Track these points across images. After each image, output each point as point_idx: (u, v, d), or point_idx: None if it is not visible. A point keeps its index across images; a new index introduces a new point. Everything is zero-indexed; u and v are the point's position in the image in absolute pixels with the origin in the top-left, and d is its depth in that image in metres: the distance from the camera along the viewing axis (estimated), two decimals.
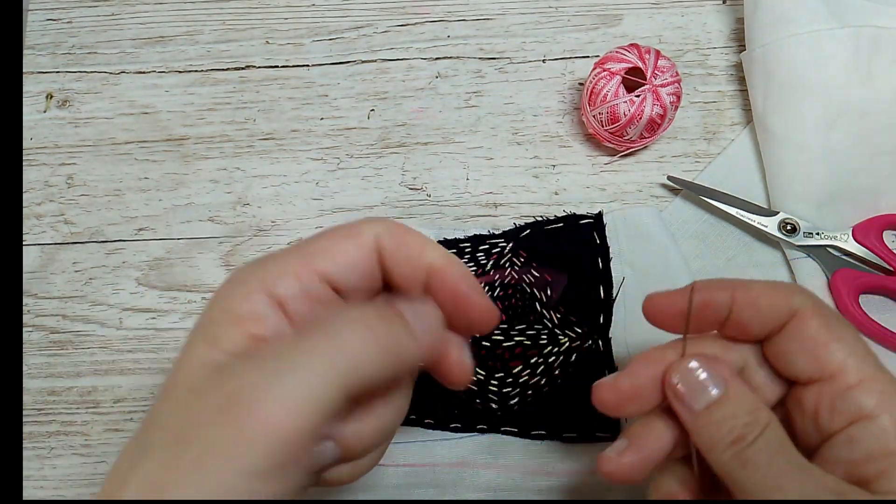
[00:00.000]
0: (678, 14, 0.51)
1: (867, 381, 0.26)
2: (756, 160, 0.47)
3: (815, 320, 0.27)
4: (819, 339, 0.27)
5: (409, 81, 0.50)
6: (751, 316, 0.28)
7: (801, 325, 0.27)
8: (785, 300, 0.28)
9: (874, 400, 0.26)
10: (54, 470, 0.43)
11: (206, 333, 0.25)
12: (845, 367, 0.26)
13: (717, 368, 0.27)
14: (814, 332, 0.27)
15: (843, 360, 0.26)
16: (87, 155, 0.49)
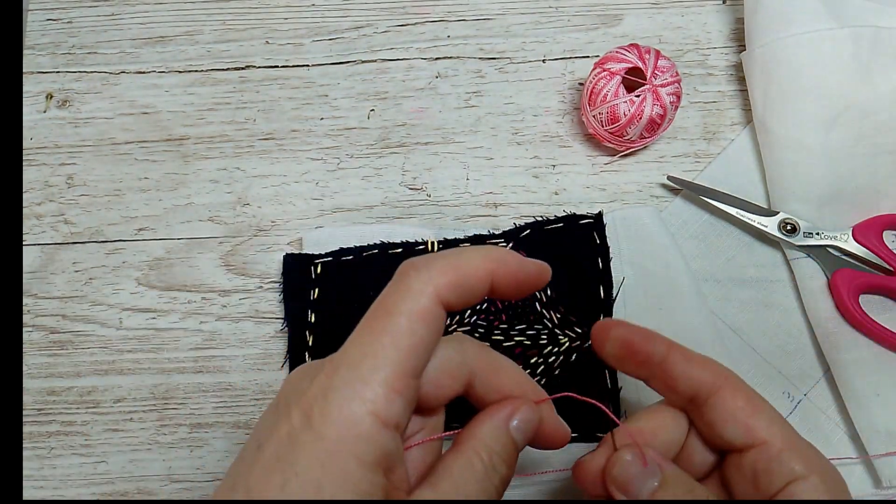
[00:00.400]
0: (678, 14, 0.51)
1: (790, 446, 0.29)
2: (756, 160, 0.47)
3: (740, 393, 0.30)
4: (747, 410, 0.29)
5: (409, 81, 0.50)
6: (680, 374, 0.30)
7: (731, 396, 0.30)
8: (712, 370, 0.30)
9: (801, 462, 0.29)
10: (54, 470, 0.43)
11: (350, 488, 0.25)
12: (772, 435, 0.29)
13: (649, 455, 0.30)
14: (742, 403, 0.30)
15: (770, 430, 0.29)
16: (87, 155, 0.49)
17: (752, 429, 0.29)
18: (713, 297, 0.44)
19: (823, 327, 0.43)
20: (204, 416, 0.43)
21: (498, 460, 0.29)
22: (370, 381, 0.25)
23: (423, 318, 0.26)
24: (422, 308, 0.26)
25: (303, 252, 0.45)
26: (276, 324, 0.45)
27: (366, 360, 0.26)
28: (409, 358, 0.26)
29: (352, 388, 0.25)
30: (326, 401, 0.25)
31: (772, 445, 0.29)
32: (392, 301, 0.27)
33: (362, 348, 0.26)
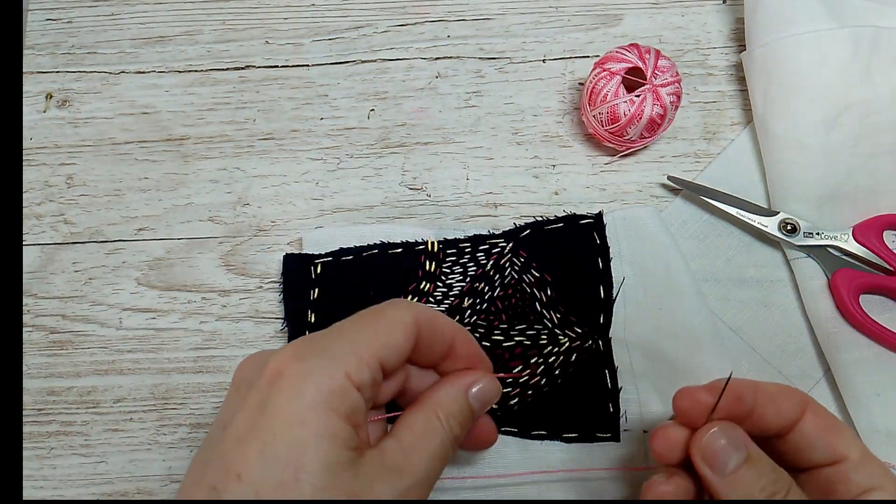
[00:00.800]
0: (678, 14, 0.51)
1: (867, 458, 0.31)
2: (756, 160, 0.47)
3: (822, 415, 0.32)
4: (831, 431, 0.31)
5: (409, 81, 0.50)
6: (772, 412, 0.32)
7: (815, 419, 0.31)
8: (796, 399, 0.32)
9: (878, 472, 0.31)
10: (54, 470, 0.43)
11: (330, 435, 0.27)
12: (851, 450, 0.31)
13: (738, 434, 0.31)
14: (825, 424, 0.31)
15: (849, 445, 0.31)
16: (86, 155, 0.49)
17: (836, 447, 0.31)
18: (713, 297, 0.44)
19: (823, 327, 0.43)
20: (204, 416, 0.43)
21: (454, 422, 0.32)
22: (347, 352, 0.29)
23: (401, 328, 0.31)
24: (404, 320, 0.31)
25: (303, 252, 0.45)
26: (276, 324, 0.45)
27: (343, 336, 0.30)
28: (382, 349, 0.30)
29: (329, 352, 0.29)
30: (303, 361, 0.28)
31: (851, 460, 0.31)
32: (381, 307, 0.32)
33: (342, 329, 0.30)
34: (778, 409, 0.31)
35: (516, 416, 0.41)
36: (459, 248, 0.44)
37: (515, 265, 0.44)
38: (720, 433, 0.30)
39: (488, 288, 0.44)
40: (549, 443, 0.41)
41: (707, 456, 0.30)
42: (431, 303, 0.44)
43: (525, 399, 0.41)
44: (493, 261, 0.44)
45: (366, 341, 0.29)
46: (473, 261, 0.44)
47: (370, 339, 0.30)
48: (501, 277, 0.44)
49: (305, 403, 0.27)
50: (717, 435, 0.30)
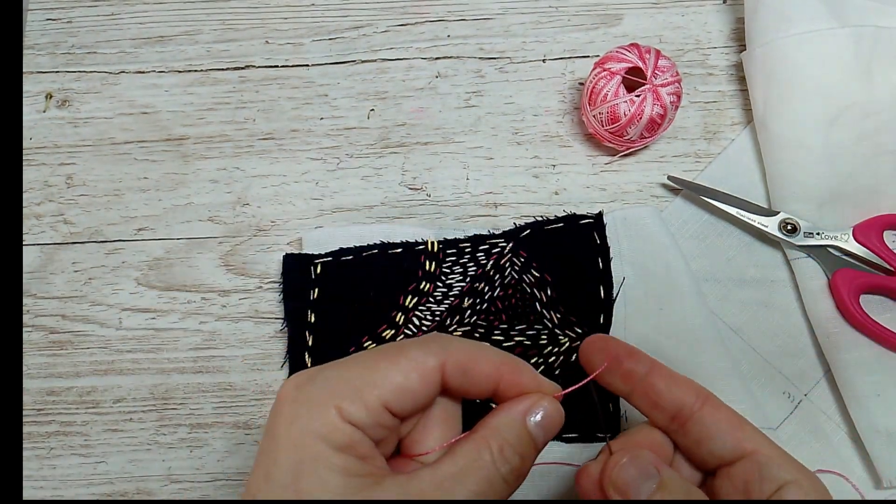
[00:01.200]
0: (678, 14, 0.51)
1: (779, 455, 0.30)
2: (756, 160, 0.47)
3: (723, 408, 0.31)
4: (732, 423, 0.30)
5: (409, 81, 0.50)
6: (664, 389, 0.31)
7: (715, 410, 0.30)
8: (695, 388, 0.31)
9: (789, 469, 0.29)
10: (54, 470, 0.43)
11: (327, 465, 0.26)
12: (759, 444, 0.30)
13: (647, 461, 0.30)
14: (726, 416, 0.30)
15: (756, 439, 0.30)
16: (86, 155, 0.49)
17: (740, 440, 0.30)
18: (713, 297, 0.44)
19: (824, 327, 0.43)
20: (204, 416, 0.43)
21: (510, 452, 0.29)
22: (347, 383, 0.27)
23: (419, 372, 0.28)
24: (426, 365, 0.28)
25: (303, 252, 0.45)
26: (275, 324, 0.45)
27: (354, 368, 0.28)
28: (389, 393, 0.28)
29: (327, 383, 0.28)
30: (300, 391, 0.28)
31: (761, 454, 0.29)
32: (408, 345, 0.29)
33: (358, 359, 0.29)
34: (673, 389, 0.31)
35: None
36: (459, 248, 0.44)
37: (515, 265, 0.44)
38: (629, 464, 0.30)
39: (488, 288, 0.44)
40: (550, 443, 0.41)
41: (619, 489, 0.30)
42: (431, 303, 0.44)
43: None
44: (493, 261, 0.44)
45: (372, 380, 0.28)
46: (473, 261, 0.44)
47: (378, 380, 0.28)
48: (501, 277, 0.44)
49: (298, 430, 0.27)
50: (627, 466, 0.30)
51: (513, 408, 0.30)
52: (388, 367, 0.28)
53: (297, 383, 0.28)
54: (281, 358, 0.44)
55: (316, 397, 0.27)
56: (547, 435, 0.30)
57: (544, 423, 0.30)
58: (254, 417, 0.43)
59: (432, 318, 0.43)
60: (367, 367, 0.28)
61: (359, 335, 0.43)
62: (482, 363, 0.29)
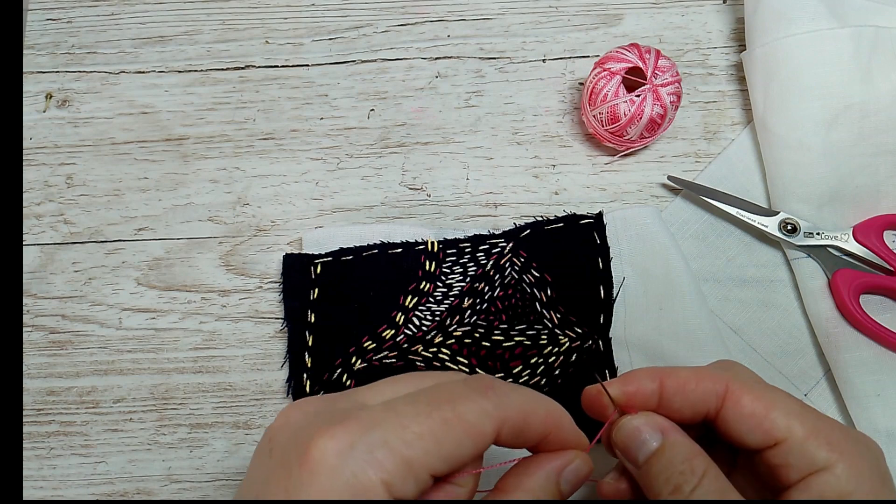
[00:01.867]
0: (678, 14, 0.51)
1: (814, 435, 0.28)
2: (756, 160, 0.47)
3: (747, 396, 0.29)
4: (758, 413, 0.28)
5: (409, 81, 0.50)
6: (681, 403, 0.30)
7: (737, 404, 0.29)
8: (712, 385, 0.29)
9: (825, 451, 0.27)
10: (54, 470, 0.43)
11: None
12: (791, 430, 0.28)
13: (653, 421, 0.29)
14: (750, 408, 0.29)
15: (788, 425, 0.28)
16: (86, 155, 0.49)
17: (768, 431, 0.28)
18: (713, 297, 0.44)
19: (824, 327, 0.43)
20: (204, 417, 0.43)
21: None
22: (396, 454, 0.24)
23: (474, 438, 0.26)
24: (482, 431, 0.26)
25: (303, 252, 0.45)
26: (275, 324, 0.45)
27: (405, 433, 0.25)
28: (441, 460, 0.25)
29: (372, 454, 0.24)
30: (342, 460, 0.24)
31: (791, 441, 0.28)
32: (462, 401, 0.26)
33: (406, 420, 0.25)
34: (687, 398, 0.29)
35: None
36: (459, 248, 0.44)
37: (515, 265, 0.44)
38: (631, 422, 0.29)
39: (488, 288, 0.44)
40: None
41: (621, 446, 0.29)
42: (431, 303, 0.43)
43: None
44: (493, 261, 0.44)
45: (424, 450, 0.25)
46: (473, 261, 0.44)
47: (431, 449, 0.25)
48: (501, 277, 0.44)
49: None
50: (628, 424, 0.29)
51: (548, 467, 0.29)
52: (441, 433, 0.25)
53: (337, 448, 0.24)
54: (281, 358, 0.44)
55: (361, 472, 0.24)
56: (573, 490, 0.29)
57: (574, 480, 0.29)
58: (254, 417, 0.43)
59: (432, 318, 0.43)
60: (417, 434, 0.25)
61: (359, 335, 0.43)
62: (534, 421, 0.28)
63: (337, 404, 0.27)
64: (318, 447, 0.24)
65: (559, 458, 0.29)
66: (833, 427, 0.28)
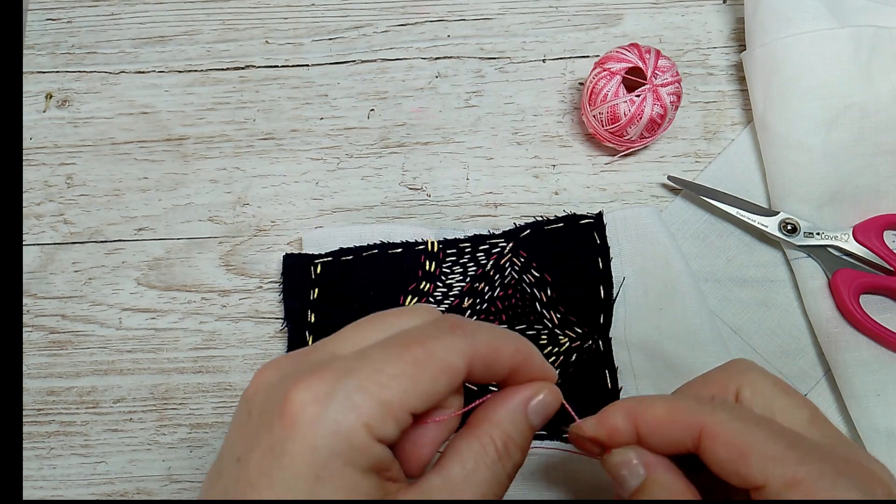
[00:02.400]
0: (678, 14, 0.51)
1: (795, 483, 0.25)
2: (756, 160, 0.47)
3: (719, 441, 0.27)
4: (733, 459, 0.26)
5: (409, 81, 0.50)
6: (657, 442, 0.29)
7: (710, 449, 0.27)
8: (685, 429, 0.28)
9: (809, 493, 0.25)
10: (54, 470, 0.43)
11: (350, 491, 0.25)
12: (768, 479, 0.26)
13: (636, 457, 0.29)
14: (724, 454, 0.27)
15: (764, 474, 0.26)
16: (86, 155, 0.49)
17: (745, 477, 0.26)
18: (713, 297, 0.44)
19: (824, 327, 0.43)
20: (204, 417, 0.43)
21: (513, 447, 0.28)
22: (374, 397, 0.25)
23: (447, 374, 0.26)
24: (454, 366, 0.26)
25: (303, 252, 0.45)
26: (275, 324, 0.45)
27: (380, 377, 0.25)
28: (416, 400, 0.26)
29: (351, 399, 0.25)
30: (322, 408, 0.24)
31: (770, 488, 0.26)
32: (431, 341, 0.27)
33: (379, 364, 0.26)
34: (662, 439, 0.29)
35: None
36: (459, 248, 0.44)
37: (515, 265, 0.44)
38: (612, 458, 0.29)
39: (488, 288, 0.44)
40: (549, 443, 0.41)
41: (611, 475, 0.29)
42: (431, 303, 0.43)
43: None
44: (493, 261, 0.44)
45: (400, 389, 0.25)
46: (473, 261, 0.44)
47: (408, 390, 0.25)
48: (501, 277, 0.44)
49: (322, 457, 0.24)
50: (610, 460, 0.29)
51: (514, 398, 0.29)
52: (415, 372, 0.26)
53: (315, 397, 0.25)
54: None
55: (342, 418, 0.24)
56: (542, 422, 0.30)
57: (543, 410, 0.29)
58: None
59: None
60: (392, 376, 0.25)
61: None
62: (503, 355, 0.28)
63: (309, 357, 0.27)
64: (296, 400, 0.25)
65: (527, 389, 0.29)
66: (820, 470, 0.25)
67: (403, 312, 0.29)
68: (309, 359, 0.27)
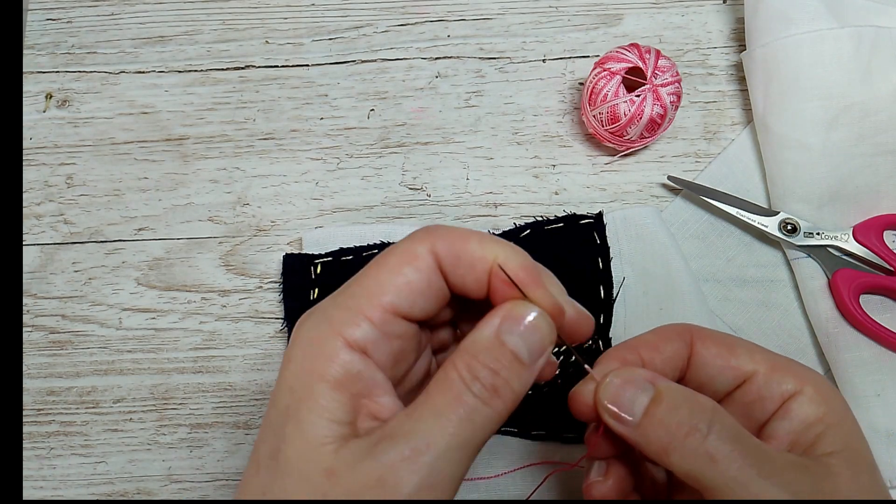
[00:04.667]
0: (678, 14, 0.51)
1: (777, 368, 0.29)
2: (756, 160, 0.47)
3: (710, 341, 0.30)
4: (724, 354, 0.29)
5: (409, 81, 0.50)
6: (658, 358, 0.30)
7: (703, 351, 0.30)
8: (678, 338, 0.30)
9: (791, 378, 0.29)
10: (54, 470, 0.43)
11: (312, 400, 0.25)
12: (756, 364, 0.29)
13: (637, 373, 0.28)
14: (716, 350, 0.30)
15: (753, 361, 0.29)
16: (86, 155, 0.49)
17: (735, 368, 0.29)
18: (713, 297, 0.44)
19: (824, 327, 0.43)
20: (204, 417, 0.43)
21: (483, 371, 0.25)
22: (342, 307, 0.26)
23: (412, 262, 0.26)
24: (413, 252, 0.26)
25: (303, 252, 0.45)
26: (275, 324, 0.45)
27: (347, 290, 0.27)
28: (388, 292, 0.26)
29: (325, 312, 0.26)
30: (300, 328, 0.26)
31: (758, 374, 0.29)
32: (394, 245, 0.27)
33: (349, 283, 0.27)
34: (662, 354, 0.30)
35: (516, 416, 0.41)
36: None
37: None
38: (614, 379, 0.27)
39: None
40: (549, 443, 0.41)
41: (609, 408, 0.27)
42: None
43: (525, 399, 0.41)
44: None
45: (368, 292, 0.26)
46: None
47: (374, 288, 0.26)
48: None
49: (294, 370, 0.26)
50: (611, 382, 0.27)
51: (487, 320, 0.26)
52: (379, 271, 0.26)
53: (300, 323, 0.27)
54: (281, 358, 0.44)
55: (318, 332, 0.25)
56: (532, 346, 0.26)
57: (522, 331, 0.26)
58: (254, 417, 0.43)
59: None
60: (360, 284, 0.26)
61: None
62: (472, 244, 0.26)
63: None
64: (295, 331, 0.27)
65: (504, 307, 0.26)
66: (789, 361, 0.30)
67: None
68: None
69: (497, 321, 0.26)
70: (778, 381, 0.29)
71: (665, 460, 0.27)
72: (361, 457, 0.24)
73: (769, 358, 0.29)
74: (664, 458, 0.27)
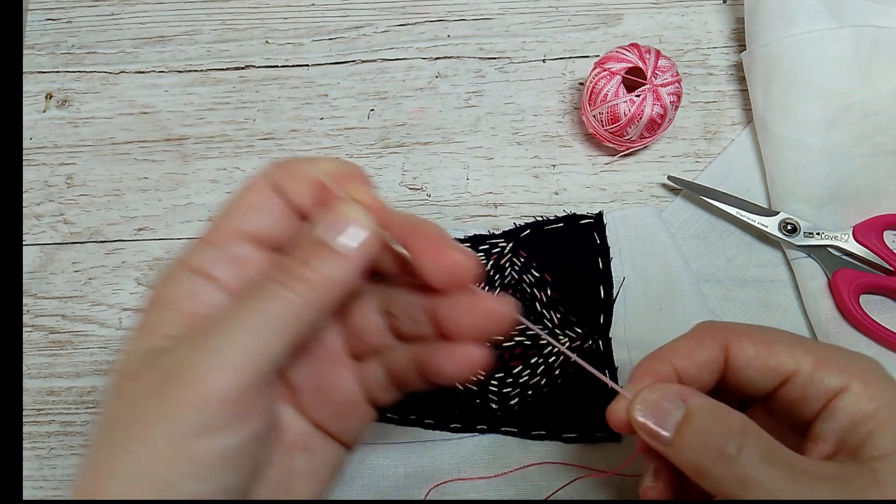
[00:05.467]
0: (678, 14, 0.51)
1: (822, 362, 0.27)
2: (756, 160, 0.47)
3: (747, 340, 0.28)
4: (762, 353, 0.28)
5: (409, 81, 0.50)
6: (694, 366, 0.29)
7: (739, 352, 0.28)
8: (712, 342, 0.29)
9: (837, 374, 0.27)
10: (54, 470, 0.43)
11: (142, 324, 0.26)
12: (798, 362, 0.27)
13: (669, 390, 0.27)
14: (753, 350, 0.28)
15: (794, 358, 0.28)
16: (86, 155, 0.49)
17: (775, 367, 0.28)
18: (713, 297, 0.44)
19: (824, 327, 0.43)
20: None
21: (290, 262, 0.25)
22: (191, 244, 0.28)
23: (249, 187, 0.28)
24: (251, 181, 0.28)
25: None
26: None
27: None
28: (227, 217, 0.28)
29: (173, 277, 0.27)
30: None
31: (802, 372, 0.27)
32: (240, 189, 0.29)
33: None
34: (696, 361, 0.28)
35: (516, 416, 0.41)
36: None
37: (515, 265, 0.44)
38: (647, 396, 0.27)
39: (488, 288, 0.44)
40: (549, 443, 0.41)
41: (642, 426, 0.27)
42: None
43: (525, 399, 0.41)
44: (493, 261, 0.44)
45: (213, 222, 0.28)
46: None
47: (217, 219, 0.28)
48: (501, 277, 0.44)
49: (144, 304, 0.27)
50: (644, 399, 0.27)
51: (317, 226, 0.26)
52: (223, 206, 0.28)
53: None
54: None
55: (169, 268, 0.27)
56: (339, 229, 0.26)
57: (332, 221, 0.26)
58: None
59: None
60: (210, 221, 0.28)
61: None
62: (302, 162, 0.28)
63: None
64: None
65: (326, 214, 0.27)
66: (836, 351, 0.28)
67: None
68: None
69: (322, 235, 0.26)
70: (821, 378, 0.27)
71: (699, 482, 0.26)
72: (161, 356, 0.24)
73: (813, 352, 0.28)
74: (697, 480, 0.26)
